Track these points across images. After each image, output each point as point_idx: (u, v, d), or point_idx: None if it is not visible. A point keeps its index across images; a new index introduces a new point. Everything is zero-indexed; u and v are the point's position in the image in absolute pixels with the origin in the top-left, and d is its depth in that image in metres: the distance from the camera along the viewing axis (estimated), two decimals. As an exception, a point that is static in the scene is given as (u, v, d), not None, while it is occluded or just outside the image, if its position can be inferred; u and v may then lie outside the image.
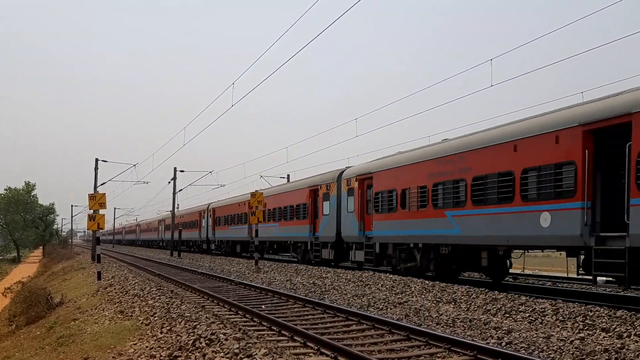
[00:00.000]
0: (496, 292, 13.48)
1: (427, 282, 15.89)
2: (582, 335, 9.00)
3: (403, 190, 18.30)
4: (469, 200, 15.21)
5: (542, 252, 22.55)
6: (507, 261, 16.75)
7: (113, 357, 8.51)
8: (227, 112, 37.66)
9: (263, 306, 12.88)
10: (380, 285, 16.36)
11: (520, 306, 11.50)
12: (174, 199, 47.56)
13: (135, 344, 9.06)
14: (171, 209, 48.94)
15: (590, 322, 9.77)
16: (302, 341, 8.72)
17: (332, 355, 7.69)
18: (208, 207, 48.16)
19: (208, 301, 14.15)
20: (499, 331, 9.44)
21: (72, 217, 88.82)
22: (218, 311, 12.20)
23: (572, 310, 10.68)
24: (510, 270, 17.99)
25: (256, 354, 7.31)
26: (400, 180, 18.68)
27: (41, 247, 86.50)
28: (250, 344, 7.82)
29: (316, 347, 8.22)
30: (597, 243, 11.60)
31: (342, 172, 23.56)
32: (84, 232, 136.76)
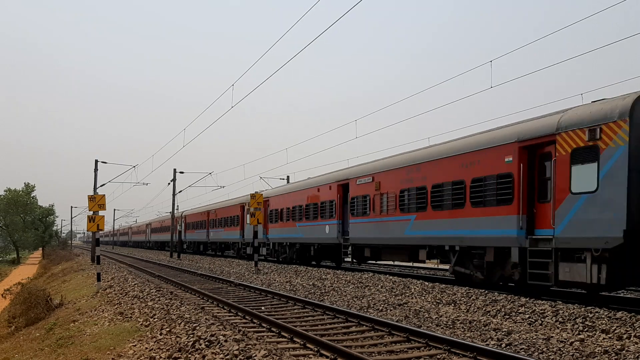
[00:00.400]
0: (496, 293, 13.49)
1: (427, 283, 15.89)
2: (581, 336, 8.99)
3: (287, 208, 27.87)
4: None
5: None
6: None
7: (113, 358, 8.49)
8: (226, 113, 37.68)
9: (263, 307, 12.88)
10: (380, 286, 16.35)
11: (520, 307, 11.50)
12: (173, 200, 47.56)
13: (135, 345, 9.05)
14: (171, 210, 48.91)
15: (590, 324, 9.77)
16: (302, 342, 8.72)
17: (332, 356, 7.69)
18: (182, 214, 56.31)
19: (207, 302, 14.15)
20: (499, 332, 9.44)
21: (71, 218, 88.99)
22: (217, 312, 12.19)
23: (571, 311, 10.68)
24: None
25: (256, 356, 7.31)
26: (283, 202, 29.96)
27: (41, 249, 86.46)
28: (249, 346, 7.82)
29: (316, 349, 8.22)
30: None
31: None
32: (84, 233, 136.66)
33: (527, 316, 10.84)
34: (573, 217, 12.21)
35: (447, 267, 17.77)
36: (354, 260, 23.27)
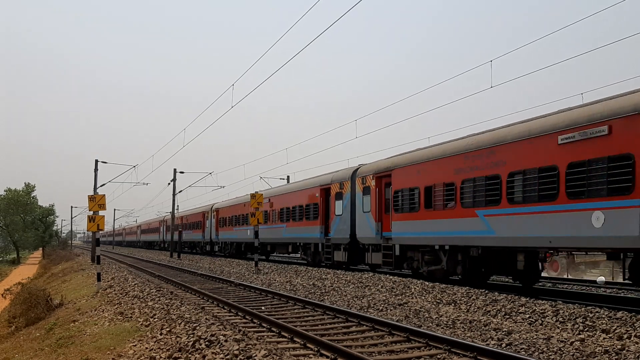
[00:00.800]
0: (496, 293, 13.48)
1: (427, 283, 15.88)
2: (582, 336, 8.98)
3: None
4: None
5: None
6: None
7: (113, 358, 8.49)
8: (227, 113, 37.90)
9: (263, 307, 12.87)
10: (380, 286, 16.35)
11: (520, 307, 11.49)
12: (173, 200, 47.58)
13: (135, 345, 9.05)
14: (171, 210, 48.93)
15: (590, 324, 9.76)
16: (302, 342, 8.72)
17: (332, 356, 7.69)
18: (163, 218, 64.45)
19: (208, 302, 14.15)
20: (499, 332, 9.44)
21: (71, 218, 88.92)
22: (218, 312, 12.19)
23: (572, 311, 10.67)
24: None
25: (256, 356, 7.30)
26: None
27: (41, 249, 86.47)
28: (250, 345, 7.81)
29: (316, 349, 8.22)
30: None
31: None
32: (84, 233, 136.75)
33: (528, 316, 10.84)
34: (336, 228, 23.87)
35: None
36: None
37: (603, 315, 10.22)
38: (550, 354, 7.95)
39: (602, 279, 18.84)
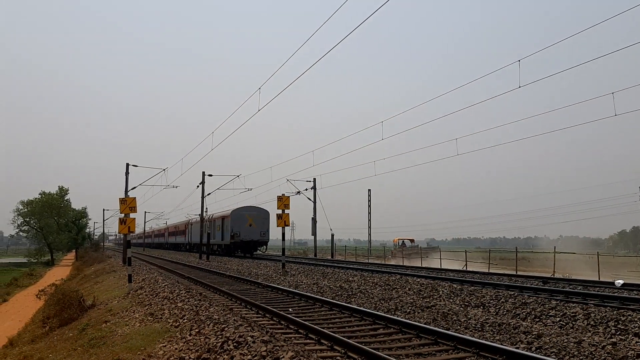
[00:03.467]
0: (525, 295, 13.31)
1: (455, 285, 15.76)
2: (614, 340, 8.81)
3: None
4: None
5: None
6: None
7: (143, 358, 8.63)
8: (253, 116, 38.31)
9: (290, 309, 12.93)
10: (407, 289, 16.28)
11: (550, 310, 11.33)
12: (202, 202, 48.06)
13: (165, 346, 9.18)
14: (200, 212, 49.46)
15: (622, 327, 9.57)
16: (329, 344, 8.74)
17: (360, 358, 7.69)
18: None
19: (236, 304, 14.27)
20: (529, 336, 9.31)
21: (103, 220, 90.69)
22: (245, 314, 12.30)
23: (603, 314, 10.47)
24: (540, 274, 17.67)
25: (283, 357, 7.34)
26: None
27: (74, 251, 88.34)
28: (277, 347, 7.86)
29: (343, 351, 8.23)
30: None
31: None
32: (115, 235, 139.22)
33: (558, 319, 10.68)
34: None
35: (476, 269, 17.33)
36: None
37: (636, 319, 10.01)
38: (581, 357, 7.82)
39: (620, 281, 18.45)
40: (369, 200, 60.84)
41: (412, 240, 56.16)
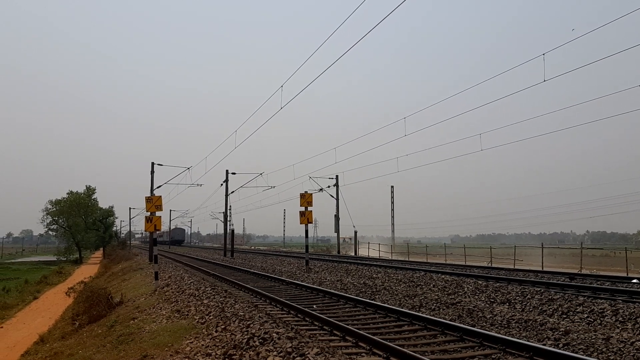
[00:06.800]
0: (552, 292, 13.15)
1: (480, 282, 15.64)
2: (644, 337, 8.66)
3: None
4: None
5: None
6: None
7: (170, 355, 8.75)
8: (276, 114, 38.40)
9: (314, 306, 12.98)
10: (432, 285, 16.20)
11: (577, 307, 11.18)
12: (226, 200, 48.43)
13: (192, 342, 9.29)
14: (224, 210, 49.90)
15: (653, 324, 9.40)
16: (354, 341, 8.76)
17: (385, 355, 7.69)
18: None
19: (260, 300, 14.37)
20: (556, 332, 9.21)
21: (130, 219, 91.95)
22: (270, 310, 12.38)
23: (632, 311, 10.30)
24: (567, 270, 17.44)
25: (309, 353, 7.39)
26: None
27: (101, 249, 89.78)
28: (302, 343, 7.90)
29: (368, 347, 8.25)
30: None
31: None
32: (141, 233, 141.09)
33: (586, 315, 10.53)
34: None
35: (503, 265, 17.24)
36: None
37: (667, 316, 9.82)
38: (609, 354, 7.71)
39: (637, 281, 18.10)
40: (392, 197, 60.64)
41: None
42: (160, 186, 37.42)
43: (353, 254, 51.88)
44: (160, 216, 20.60)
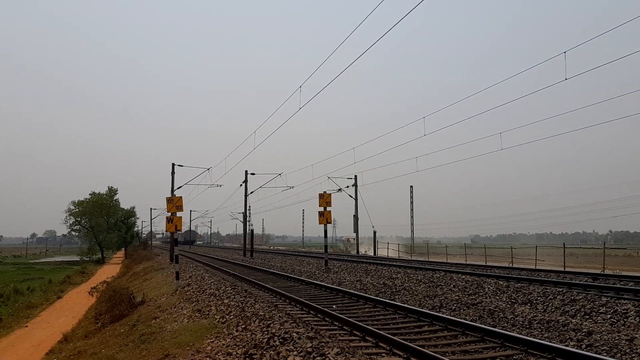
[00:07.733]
0: (574, 292, 12.99)
1: (501, 282, 15.51)
2: (669, 338, 8.52)
3: None
4: None
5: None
6: None
7: (192, 354, 8.83)
8: (295, 114, 38.20)
9: (334, 306, 13.00)
10: (452, 286, 16.11)
11: (600, 307, 11.04)
12: (245, 200, 48.66)
13: (213, 341, 9.36)
14: (243, 210, 50.14)
15: (678, 325, 9.24)
16: (374, 341, 8.76)
17: (405, 355, 7.68)
18: None
19: (280, 300, 14.43)
20: (579, 333, 9.10)
21: (151, 219, 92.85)
22: (290, 310, 12.42)
23: (658, 312, 10.13)
24: (589, 270, 17.21)
25: (329, 353, 7.40)
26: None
27: (123, 249, 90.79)
28: (322, 343, 7.92)
29: (388, 348, 8.24)
30: None
31: None
32: (162, 234, 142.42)
33: (609, 316, 10.39)
34: None
35: (524, 266, 17.07)
36: None
37: (693, 317, 9.65)
38: (633, 355, 7.60)
39: None
40: (411, 197, 60.39)
41: None
42: (180, 187, 37.72)
43: (356, 252, 51.78)
44: (181, 217, 20.70)
